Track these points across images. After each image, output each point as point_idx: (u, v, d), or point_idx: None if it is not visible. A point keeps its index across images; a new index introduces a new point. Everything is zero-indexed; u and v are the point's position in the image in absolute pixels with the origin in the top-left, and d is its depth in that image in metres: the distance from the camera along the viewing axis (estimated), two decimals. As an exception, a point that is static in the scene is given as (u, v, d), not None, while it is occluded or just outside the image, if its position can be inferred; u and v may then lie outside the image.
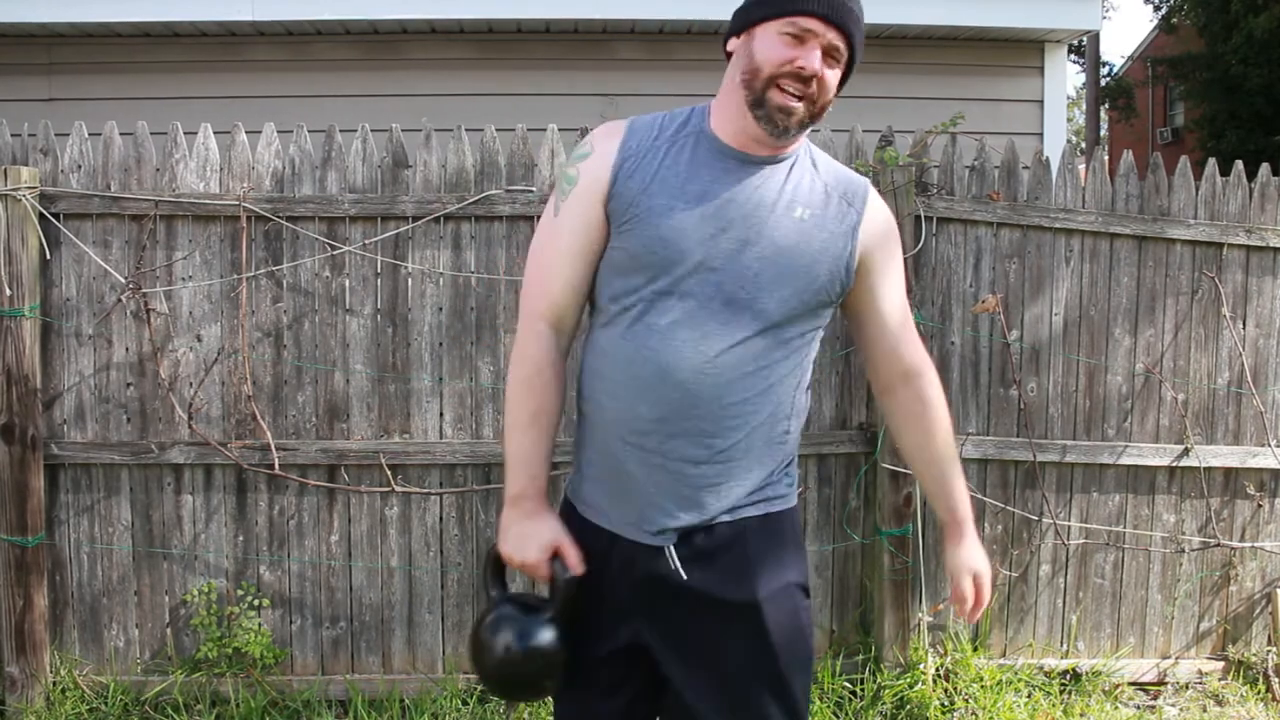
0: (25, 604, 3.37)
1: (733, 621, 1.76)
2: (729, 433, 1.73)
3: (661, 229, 1.70)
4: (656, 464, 1.73)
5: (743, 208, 1.72)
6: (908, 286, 3.49)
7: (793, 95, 1.69)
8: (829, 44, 1.69)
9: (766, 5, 1.70)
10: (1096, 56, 19.54)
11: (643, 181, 1.72)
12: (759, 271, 1.71)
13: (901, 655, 3.58)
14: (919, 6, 4.97)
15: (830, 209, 1.78)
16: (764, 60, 1.68)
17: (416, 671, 3.56)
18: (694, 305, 1.70)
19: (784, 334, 1.75)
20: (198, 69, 5.05)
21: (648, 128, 1.78)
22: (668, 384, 1.70)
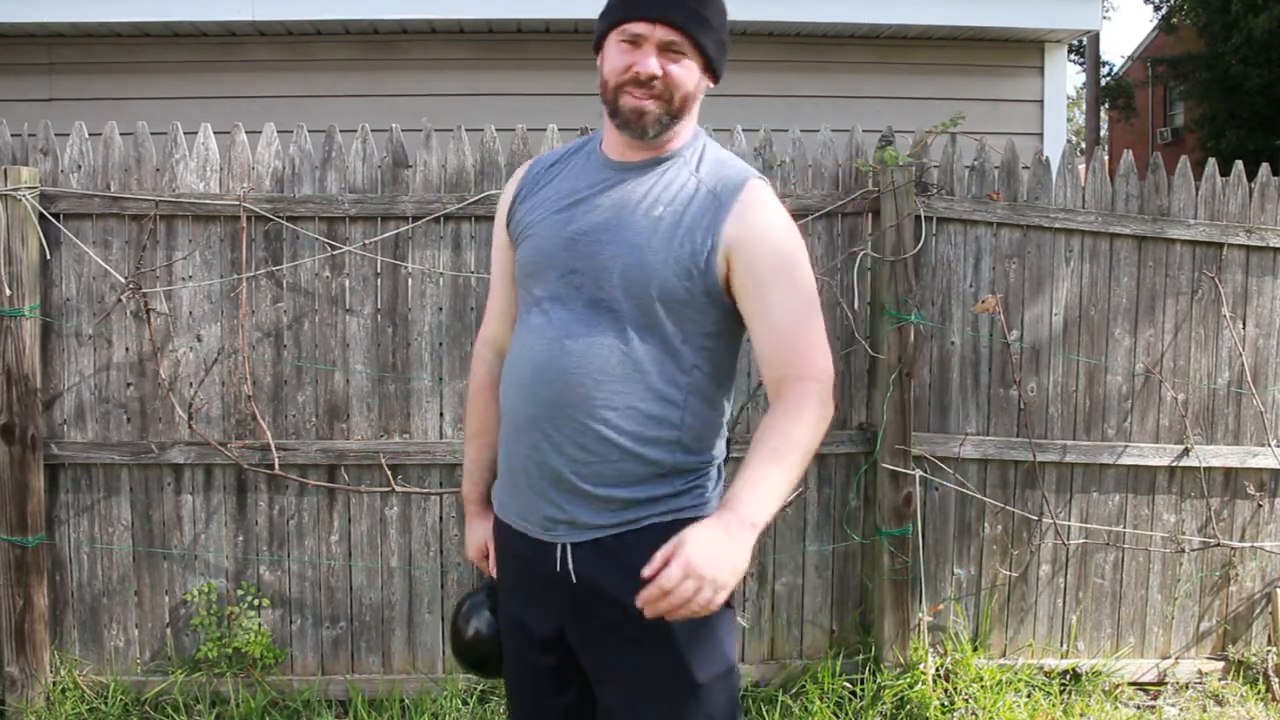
0: (25, 604, 3.37)
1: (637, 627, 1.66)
2: (603, 431, 1.72)
3: (535, 239, 1.83)
4: (539, 460, 1.77)
5: (605, 211, 1.78)
6: (908, 287, 3.53)
7: (640, 96, 1.73)
8: (662, 41, 1.72)
9: (604, 18, 1.79)
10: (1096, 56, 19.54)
11: (531, 203, 1.87)
12: (613, 270, 1.73)
13: (901, 655, 3.58)
14: (919, 6, 4.97)
15: (693, 206, 1.75)
16: (608, 72, 1.77)
17: (416, 671, 3.56)
18: (561, 307, 1.77)
19: (658, 334, 1.73)
20: (198, 69, 5.04)
21: (548, 157, 1.92)
22: (539, 381, 1.77)
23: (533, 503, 1.80)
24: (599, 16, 1.82)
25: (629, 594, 1.60)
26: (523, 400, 1.79)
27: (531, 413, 1.77)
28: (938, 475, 3.67)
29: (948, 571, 3.74)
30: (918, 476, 3.63)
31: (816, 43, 5.20)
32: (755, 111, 4.51)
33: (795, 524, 3.65)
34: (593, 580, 1.77)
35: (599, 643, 1.79)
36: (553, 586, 1.81)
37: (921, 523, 3.66)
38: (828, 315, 3.62)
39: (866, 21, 5.00)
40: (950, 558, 3.73)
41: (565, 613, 1.82)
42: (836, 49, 5.22)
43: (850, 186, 3.61)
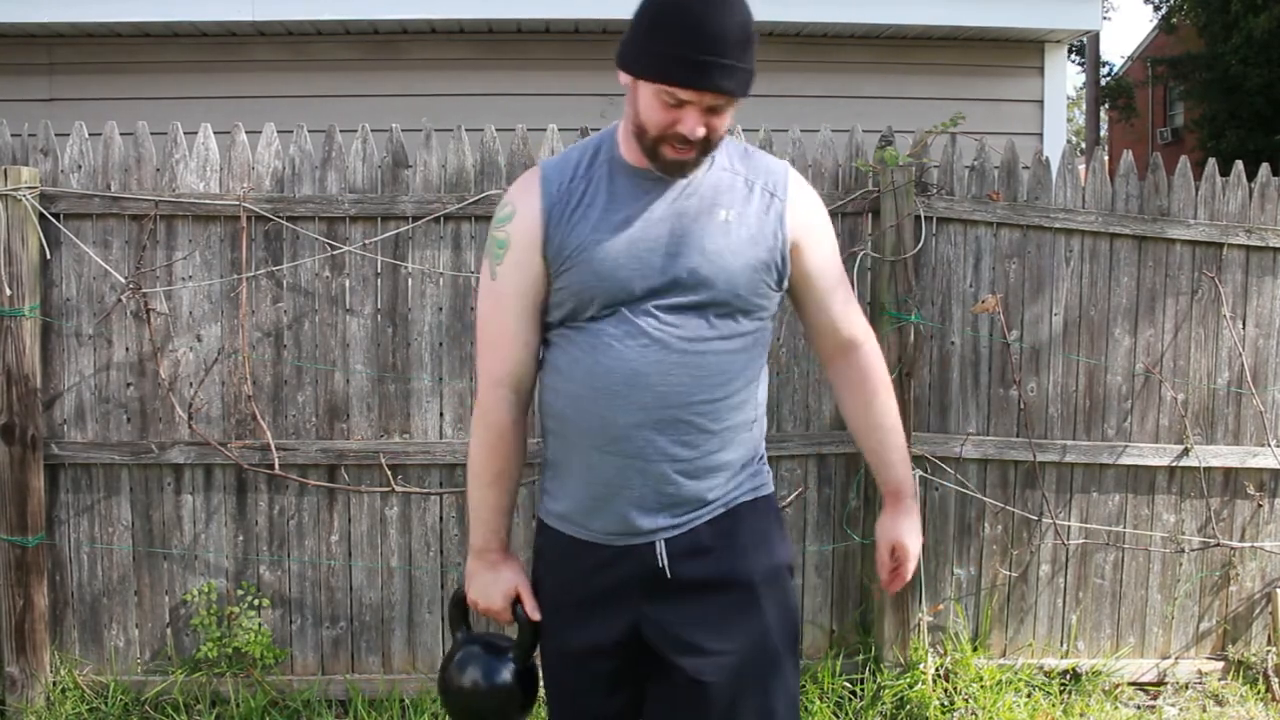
0: (25, 604, 3.37)
1: (730, 603, 1.84)
2: (701, 430, 1.79)
3: (596, 264, 1.76)
4: (637, 468, 1.78)
5: (668, 224, 1.78)
6: (908, 286, 3.53)
7: (682, 151, 1.73)
8: (709, 105, 1.70)
9: (642, 63, 1.71)
10: (1096, 56, 19.54)
11: (571, 223, 1.78)
12: (698, 279, 1.77)
13: (901, 655, 3.58)
14: (919, 6, 4.98)
15: (753, 204, 1.83)
16: (647, 121, 1.72)
17: (416, 671, 3.56)
18: (644, 318, 1.77)
19: (736, 328, 1.81)
20: (198, 69, 5.05)
21: (560, 170, 1.83)
22: (637, 388, 1.75)
23: (626, 511, 1.80)
24: (634, 50, 1.72)
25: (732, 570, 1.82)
26: (619, 411, 1.76)
27: (632, 420, 1.76)
28: (938, 475, 3.67)
29: (948, 571, 3.74)
30: (918, 476, 3.63)
31: (816, 43, 5.20)
32: (755, 111, 4.49)
33: (795, 524, 3.65)
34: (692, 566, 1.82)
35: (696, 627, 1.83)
36: (634, 585, 1.83)
37: (922, 522, 3.65)
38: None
39: (866, 21, 5.00)
40: (950, 558, 3.73)
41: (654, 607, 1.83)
42: (836, 49, 5.23)
43: (850, 186, 3.61)
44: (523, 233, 1.81)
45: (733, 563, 1.83)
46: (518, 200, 1.83)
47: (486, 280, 1.86)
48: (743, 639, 1.84)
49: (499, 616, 1.93)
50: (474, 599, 1.94)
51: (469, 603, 1.97)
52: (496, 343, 1.85)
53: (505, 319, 1.84)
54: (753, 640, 1.85)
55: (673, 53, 1.66)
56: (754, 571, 1.85)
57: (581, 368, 1.79)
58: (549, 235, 1.79)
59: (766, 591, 1.86)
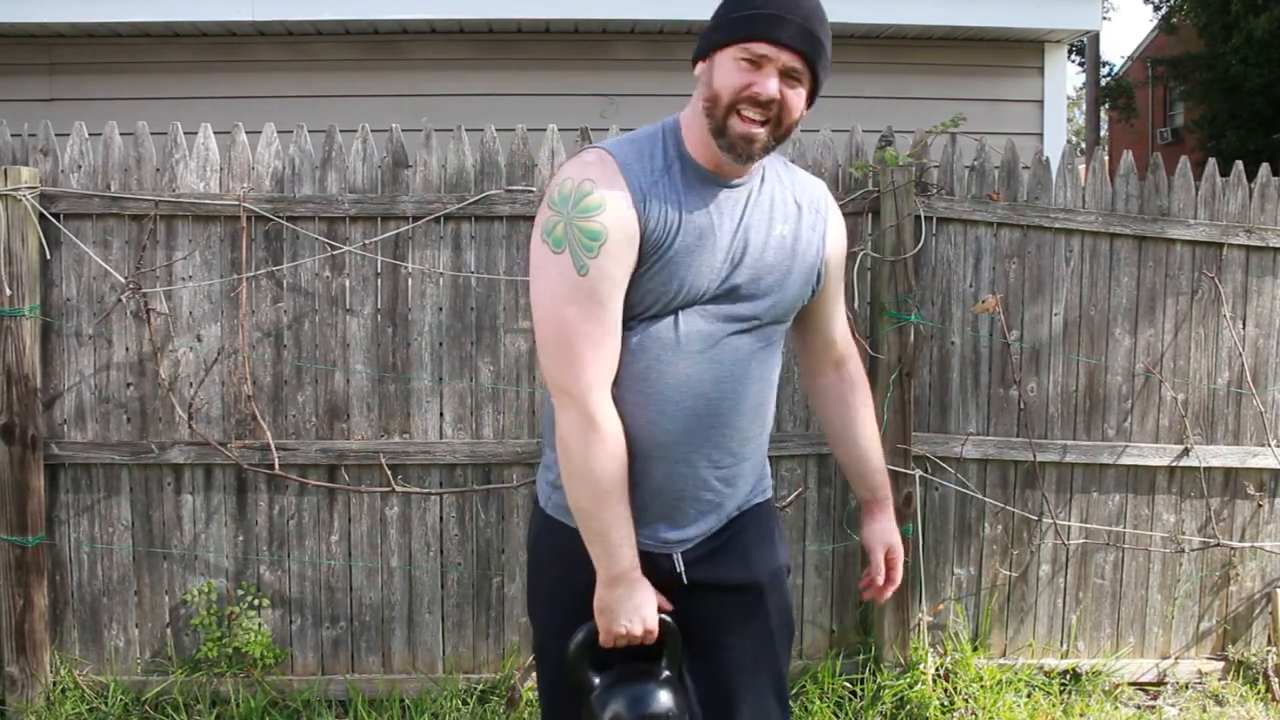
0: (25, 604, 3.37)
1: (739, 603, 1.89)
2: (746, 436, 1.84)
3: (679, 269, 1.73)
4: (682, 473, 1.79)
5: (740, 236, 1.79)
6: (908, 286, 3.53)
7: (754, 121, 1.71)
8: (785, 66, 1.70)
9: (722, 31, 1.72)
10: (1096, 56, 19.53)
11: (660, 223, 1.72)
12: (755, 290, 1.80)
13: (901, 655, 3.58)
14: (919, 6, 4.97)
15: (804, 221, 1.87)
16: (721, 86, 1.71)
17: (416, 671, 3.56)
18: (703, 324, 1.77)
19: (772, 336, 1.87)
20: (198, 69, 5.04)
21: (639, 162, 1.75)
22: (690, 397, 1.76)
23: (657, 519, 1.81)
24: (713, 27, 1.74)
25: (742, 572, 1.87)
26: (670, 418, 1.76)
27: (682, 428, 1.77)
28: (938, 475, 3.67)
29: (948, 571, 3.74)
30: (918, 476, 3.63)
31: (816, 43, 5.19)
32: (755, 111, 4.50)
33: (795, 524, 3.65)
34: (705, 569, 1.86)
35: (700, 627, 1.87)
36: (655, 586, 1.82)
37: (922, 523, 3.66)
38: (828, 315, 3.63)
39: (866, 21, 5.00)
40: (950, 558, 3.73)
41: None
42: (837, 49, 5.11)
43: (850, 186, 3.61)
44: (620, 225, 1.70)
45: (744, 564, 1.89)
46: (602, 189, 1.70)
47: (570, 275, 1.69)
48: (749, 639, 1.89)
49: (650, 637, 1.78)
50: (624, 630, 1.75)
51: (617, 636, 1.77)
52: (595, 346, 1.70)
53: (604, 317, 1.70)
54: (756, 640, 1.90)
55: (752, 11, 1.69)
56: (760, 573, 1.90)
57: (632, 372, 1.75)
58: (645, 230, 1.71)
59: (770, 593, 1.91)
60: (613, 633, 1.76)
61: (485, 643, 3.59)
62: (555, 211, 1.71)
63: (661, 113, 1.90)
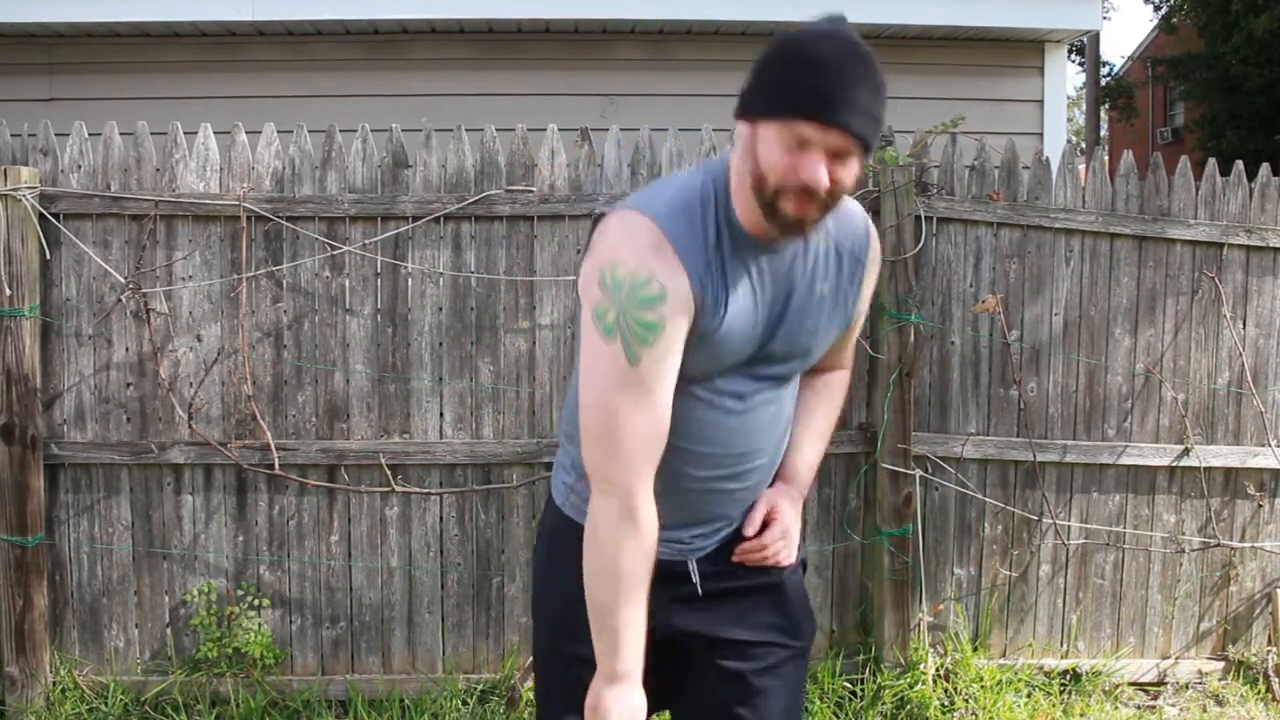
0: (25, 604, 3.37)
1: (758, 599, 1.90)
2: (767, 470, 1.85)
3: (721, 346, 1.69)
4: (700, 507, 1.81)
5: (779, 305, 1.73)
6: (908, 286, 3.53)
7: (805, 207, 1.59)
8: (835, 148, 1.55)
9: (764, 101, 1.58)
10: (1096, 56, 19.53)
11: (712, 305, 1.66)
12: (790, 352, 1.78)
13: (901, 655, 3.58)
14: (919, 6, 4.97)
15: (844, 272, 1.80)
16: (767, 168, 1.58)
17: (416, 671, 3.56)
18: (732, 383, 1.74)
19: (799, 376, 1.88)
20: (198, 69, 5.04)
21: (692, 239, 1.65)
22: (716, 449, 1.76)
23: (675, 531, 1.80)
24: (756, 92, 1.60)
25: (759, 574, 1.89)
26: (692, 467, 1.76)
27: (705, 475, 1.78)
28: (938, 475, 3.67)
29: (948, 571, 3.73)
30: (918, 476, 3.63)
31: (817, 43, 5.19)
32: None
33: (795, 524, 3.64)
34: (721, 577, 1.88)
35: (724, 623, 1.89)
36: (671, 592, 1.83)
37: (922, 523, 3.66)
38: (828, 315, 3.62)
39: (866, 21, 4.99)
40: (950, 558, 3.73)
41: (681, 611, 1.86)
42: (836, 49, 5.21)
43: (850, 186, 3.61)
44: (677, 317, 1.62)
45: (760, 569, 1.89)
46: (660, 278, 1.61)
47: (621, 364, 1.61)
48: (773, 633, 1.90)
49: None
50: None
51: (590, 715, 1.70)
52: (645, 435, 1.64)
53: (654, 407, 1.64)
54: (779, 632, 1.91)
55: (805, 84, 1.53)
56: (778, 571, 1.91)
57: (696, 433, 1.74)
58: (697, 320, 1.65)
59: (789, 586, 1.93)
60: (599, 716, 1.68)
61: (485, 643, 3.59)
62: (607, 296, 1.61)
63: (661, 113, 1.90)
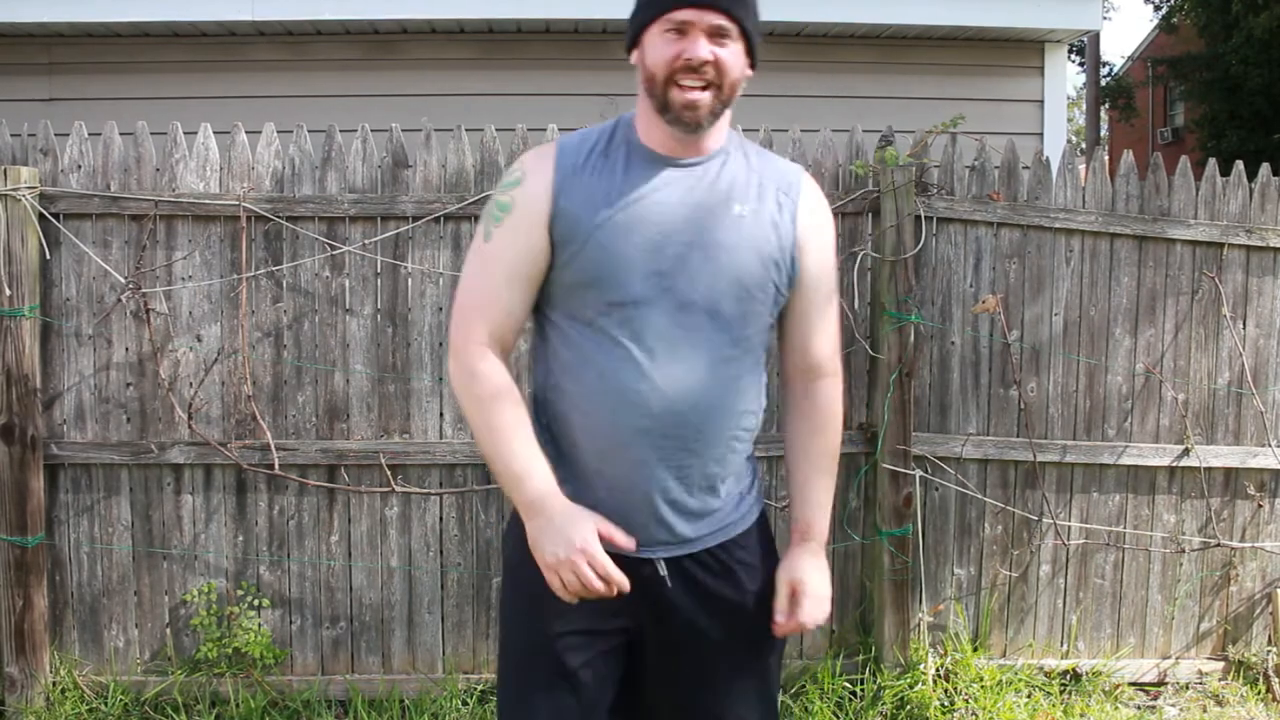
0: (25, 604, 3.37)
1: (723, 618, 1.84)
2: (707, 435, 1.75)
3: (608, 244, 1.70)
4: (646, 473, 1.74)
5: (682, 211, 1.74)
6: (908, 287, 3.53)
7: (693, 87, 1.69)
8: (710, 26, 1.68)
9: (644, 10, 1.72)
10: (1096, 56, 19.53)
11: (582, 199, 1.72)
12: (708, 273, 1.73)
13: (902, 655, 3.58)
14: (919, 6, 4.97)
15: (767, 202, 1.79)
16: (655, 63, 1.70)
17: (416, 671, 3.56)
18: (653, 313, 1.71)
19: (742, 332, 1.77)
20: (198, 69, 5.04)
21: (577, 147, 1.78)
22: (642, 393, 1.71)
23: (634, 522, 1.74)
24: (636, 11, 1.75)
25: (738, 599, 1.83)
26: (625, 415, 1.71)
27: (639, 426, 1.71)
28: (938, 475, 3.67)
29: (948, 571, 3.73)
30: (918, 476, 3.63)
31: (817, 43, 5.20)
32: (755, 111, 4.50)
33: (795, 524, 3.64)
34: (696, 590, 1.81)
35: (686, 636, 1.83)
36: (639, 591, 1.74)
37: (921, 523, 3.66)
38: (828, 315, 3.63)
39: (866, 21, 5.00)
40: (950, 558, 3.73)
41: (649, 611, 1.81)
42: (836, 49, 5.22)
43: (850, 186, 3.61)
44: (529, 200, 1.74)
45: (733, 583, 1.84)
46: (529, 168, 1.77)
47: (479, 242, 1.79)
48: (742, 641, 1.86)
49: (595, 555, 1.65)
50: (559, 555, 1.65)
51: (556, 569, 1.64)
52: (482, 303, 1.76)
53: (494, 279, 1.76)
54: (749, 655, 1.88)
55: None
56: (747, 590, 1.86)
57: (590, 370, 1.73)
58: (557, 210, 1.73)
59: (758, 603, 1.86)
60: (548, 566, 1.67)
61: (485, 643, 3.59)
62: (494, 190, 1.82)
63: None
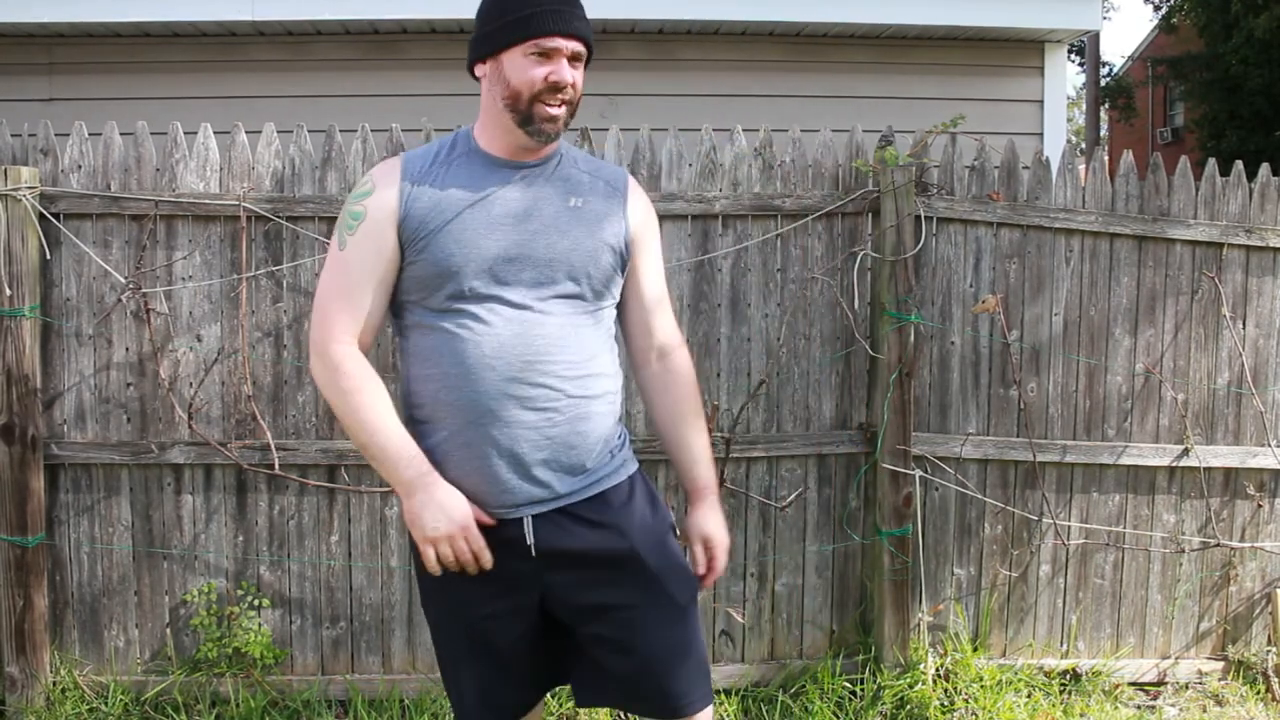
0: (25, 604, 3.37)
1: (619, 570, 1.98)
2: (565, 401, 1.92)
3: (457, 237, 1.91)
4: (504, 444, 1.90)
5: (524, 204, 1.96)
6: (908, 287, 3.53)
7: (555, 104, 1.93)
8: (572, 53, 1.93)
9: (509, 32, 1.92)
10: (1096, 56, 19.55)
11: (429, 203, 1.93)
12: (553, 255, 1.94)
13: (901, 655, 3.58)
14: (919, 6, 4.98)
15: (598, 194, 2.03)
16: (521, 83, 1.92)
17: (416, 671, 3.56)
18: (506, 292, 1.91)
19: (590, 306, 1.98)
20: (198, 69, 5.04)
21: (421, 157, 1.99)
22: (504, 361, 1.89)
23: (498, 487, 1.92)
24: (493, 30, 1.93)
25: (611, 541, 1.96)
26: (484, 388, 1.89)
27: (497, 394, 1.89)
28: (938, 475, 3.67)
29: (948, 571, 3.74)
30: (918, 476, 3.63)
31: (816, 43, 5.20)
32: (755, 111, 4.51)
33: (795, 524, 3.65)
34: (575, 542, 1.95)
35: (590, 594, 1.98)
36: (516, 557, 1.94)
37: (921, 523, 3.66)
38: (828, 315, 3.63)
39: (866, 21, 5.00)
40: (950, 558, 3.73)
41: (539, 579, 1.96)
42: (836, 49, 5.23)
43: (850, 186, 3.61)
44: (379, 207, 1.94)
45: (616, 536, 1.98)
46: (378, 179, 1.97)
47: (334, 250, 1.97)
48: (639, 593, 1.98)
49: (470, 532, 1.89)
50: (437, 530, 1.87)
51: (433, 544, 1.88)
52: (340, 308, 1.94)
53: (351, 283, 1.94)
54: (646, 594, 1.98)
55: (532, 9, 1.89)
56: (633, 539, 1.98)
57: (449, 351, 1.91)
58: (406, 212, 1.93)
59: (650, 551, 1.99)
60: (427, 539, 1.88)
61: (485, 643, 3.58)
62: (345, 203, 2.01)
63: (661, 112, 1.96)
